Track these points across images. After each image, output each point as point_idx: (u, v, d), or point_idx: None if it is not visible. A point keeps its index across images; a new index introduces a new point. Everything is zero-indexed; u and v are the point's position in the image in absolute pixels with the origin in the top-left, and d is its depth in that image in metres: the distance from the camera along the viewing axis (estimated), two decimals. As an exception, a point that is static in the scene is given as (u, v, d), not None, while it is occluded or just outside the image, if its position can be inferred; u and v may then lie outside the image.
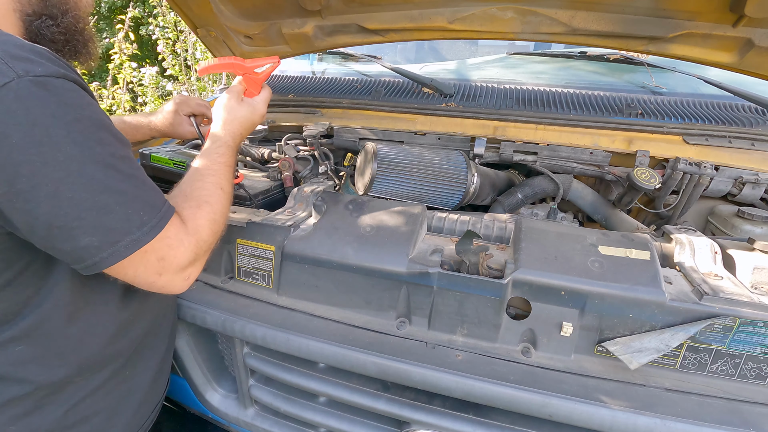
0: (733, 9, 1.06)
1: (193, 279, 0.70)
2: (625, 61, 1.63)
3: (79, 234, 0.55)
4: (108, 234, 0.57)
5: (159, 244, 0.62)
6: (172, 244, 0.64)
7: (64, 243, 0.56)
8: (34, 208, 0.53)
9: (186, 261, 0.66)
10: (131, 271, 0.62)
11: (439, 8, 1.30)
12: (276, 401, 1.01)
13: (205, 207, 0.72)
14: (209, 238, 0.71)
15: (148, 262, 0.62)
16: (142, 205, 0.60)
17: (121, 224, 0.58)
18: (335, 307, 0.95)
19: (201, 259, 0.70)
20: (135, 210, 0.59)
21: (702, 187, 1.17)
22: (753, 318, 0.74)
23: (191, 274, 0.69)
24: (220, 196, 0.76)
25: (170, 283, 0.66)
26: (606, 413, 0.73)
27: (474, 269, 0.86)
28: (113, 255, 0.58)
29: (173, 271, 0.65)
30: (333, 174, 1.34)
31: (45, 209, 0.53)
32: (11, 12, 0.65)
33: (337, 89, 1.63)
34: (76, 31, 0.73)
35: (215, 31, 1.51)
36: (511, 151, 1.29)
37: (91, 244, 0.56)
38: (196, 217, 0.70)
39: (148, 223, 0.60)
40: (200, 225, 0.70)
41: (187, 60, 5.56)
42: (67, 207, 0.54)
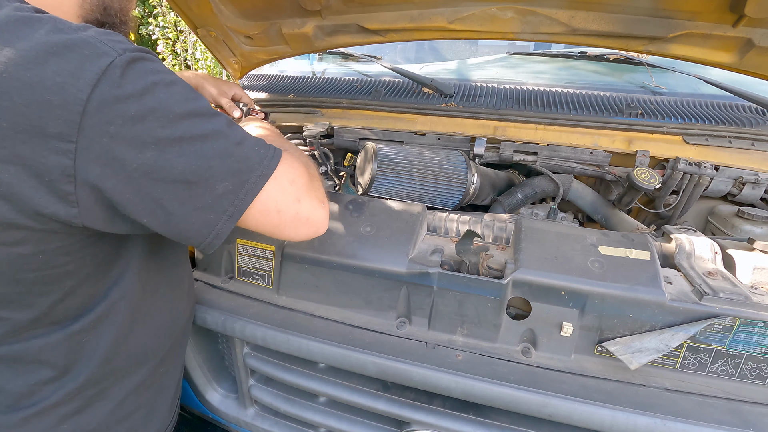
0: (733, 9, 1.06)
1: (327, 205, 0.71)
2: (625, 61, 1.63)
3: (214, 182, 0.57)
4: (238, 174, 0.59)
5: (283, 167, 0.64)
6: (293, 164, 0.66)
7: (203, 197, 0.57)
8: (170, 172, 0.55)
9: (309, 181, 0.68)
10: (273, 205, 0.63)
11: (439, 8, 1.30)
12: (276, 401, 1.01)
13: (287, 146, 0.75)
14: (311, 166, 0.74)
15: (284, 189, 0.64)
16: (254, 143, 0.62)
17: (244, 163, 0.60)
18: (335, 307, 0.95)
19: (316, 186, 0.71)
20: (251, 146, 0.61)
21: (702, 187, 1.17)
22: (753, 318, 0.74)
23: (324, 200, 0.70)
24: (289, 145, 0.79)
25: (313, 210, 0.67)
26: (606, 413, 0.73)
27: (474, 269, 0.86)
28: (248, 194, 0.60)
29: (307, 193, 0.67)
30: (333, 174, 1.34)
31: (178, 168, 0.55)
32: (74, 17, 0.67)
33: (337, 89, 1.62)
34: None
35: (215, 31, 1.51)
36: (511, 151, 1.29)
37: (227, 189, 0.58)
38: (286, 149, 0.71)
39: (266, 155, 0.62)
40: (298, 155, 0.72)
41: (187, 60, 5.56)
42: (195, 160, 0.56)
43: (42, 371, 0.65)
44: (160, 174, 0.55)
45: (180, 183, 0.56)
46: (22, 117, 0.49)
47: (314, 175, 0.73)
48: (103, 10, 0.70)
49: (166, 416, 0.85)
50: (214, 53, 1.65)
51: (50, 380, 0.66)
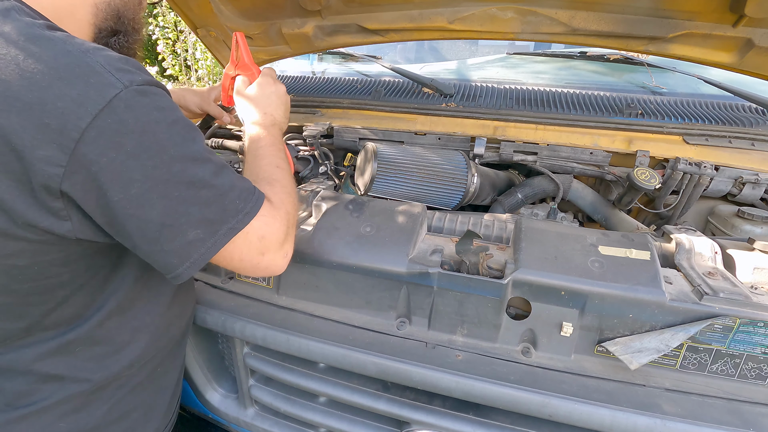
0: (733, 9, 1.06)
1: (290, 256, 0.73)
2: (625, 61, 1.63)
3: (187, 229, 0.59)
4: (210, 225, 0.60)
5: (257, 223, 0.65)
6: (268, 221, 0.67)
7: (173, 241, 0.58)
8: (148, 211, 0.56)
9: (282, 235, 0.70)
10: (237, 255, 0.65)
11: (439, 8, 1.30)
12: (276, 401, 1.01)
13: (276, 183, 0.76)
14: (291, 209, 0.75)
15: (251, 244, 0.65)
16: (239, 193, 0.64)
17: (220, 214, 0.61)
18: (335, 307, 0.95)
19: (291, 233, 0.74)
20: (231, 199, 0.63)
21: (702, 187, 1.17)
22: (753, 318, 0.74)
23: (288, 250, 0.72)
24: (282, 173, 0.80)
25: (273, 262, 0.69)
26: (606, 413, 0.73)
27: (474, 269, 0.86)
28: (215, 244, 0.61)
29: (274, 248, 0.68)
30: (333, 174, 1.34)
31: (158, 210, 0.56)
32: (88, 25, 0.67)
33: (337, 89, 1.62)
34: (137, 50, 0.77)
35: (215, 31, 1.52)
36: (511, 151, 1.29)
37: (197, 237, 0.60)
38: (275, 193, 0.73)
39: (243, 209, 0.63)
40: (282, 199, 0.73)
41: (187, 60, 5.56)
42: (176, 205, 0.57)
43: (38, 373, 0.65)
44: (137, 212, 0.56)
45: (154, 223, 0.57)
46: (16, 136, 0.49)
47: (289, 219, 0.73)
48: (117, 18, 0.70)
49: (165, 416, 0.85)
50: (214, 53, 1.65)
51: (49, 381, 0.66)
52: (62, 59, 0.51)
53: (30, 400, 0.66)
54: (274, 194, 0.73)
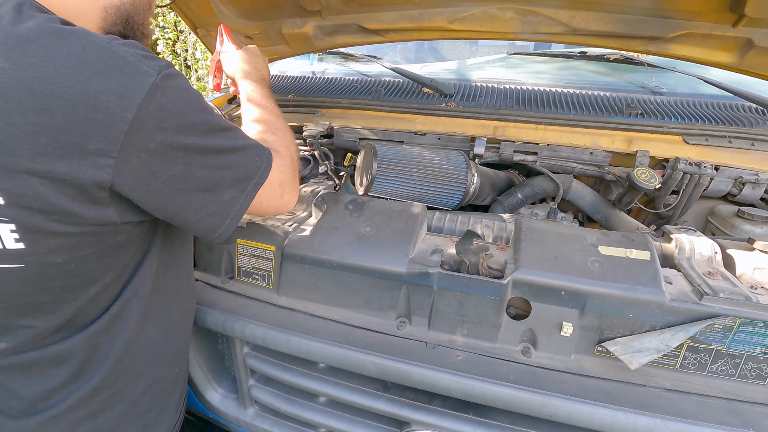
0: (733, 9, 1.06)
1: (298, 190, 0.84)
2: (625, 61, 1.63)
3: (223, 191, 0.65)
4: (240, 183, 0.67)
5: (275, 173, 0.73)
6: (283, 169, 0.76)
7: (213, 204, 0.65)
8: (192, 183, 0.61)
9: (292, 176, 0.80)
10: (264, 203, 0.74)
11: (439, 8, 1.30)
12: (276, 401, 1.01)
13: (278, 133, 0.86)
14: (294, 155, 0.84)
15: (274, 191, 0.75)
16: (255, 152, 0.70)
17: (245, 173, 0.68)
18: (335, 307, 0.95)
19: (297, 171, 0.83)
20: (251, 157, 0.69)
21: (702, 187, 1.17)
22: (753, 318, 0.74)
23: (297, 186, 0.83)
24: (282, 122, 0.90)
25: (290, 200, 0.80)
26: (606, 413, 0.73)
27: (474, 269, 0.86)
28: (247, 198, 0.68)
29: (290, 189, 0.79)
30: (333, 174, 1.34)
31: (200, 180, 0.62)
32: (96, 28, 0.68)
33: (337, 89, 1.62)
34: None
35: (215, 31, 1.51)
36: (511, 151, 1.29)
37: (231, 197, 0.67)
38: (278, 142, 0.82)
39: (261, 165, 0.70)
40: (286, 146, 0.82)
41: (187, 60, 5.56)
42: (212, 171, 0.63)
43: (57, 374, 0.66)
44: (184, 185, 0.61)
45: (198, 192, 0.63)
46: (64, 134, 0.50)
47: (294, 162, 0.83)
48: (126, 23, 0.71)
49: (174, 414, 0.86)
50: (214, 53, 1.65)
51: (65, 383, 0.66)
52: (92, 51, 0.52)
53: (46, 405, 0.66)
54: (279, 143, 0.81)
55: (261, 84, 0.98)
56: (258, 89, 0.96)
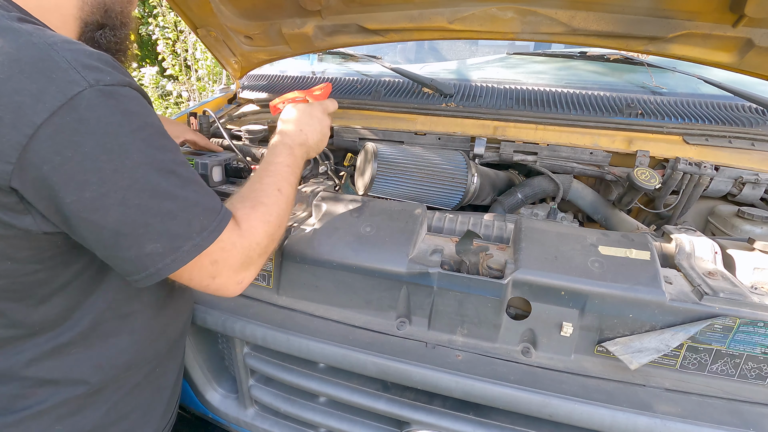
0: (733, 9, 1.06)
1: (246, 283, 0.69)
2: (625, 61, 1.63)
3: (145, 240, 0.55)
4: (172, 240, 0.57)
5: (213, 247, 0.61)
6: (225, 247, 0.63)
7: (128, 250, 0.55)
8: (103, 217, 0.53)
9: (238, 264, 0.66)
10: (186, 275, 0.62)
11: (439, 8, 1.30)
12: (276, 401, 1.01)
13: (260, 208, 0.71)
14: (263, 240, 0.69)
15: (202, 267, 0.62)
16: (203, 210, 0.60)
17: (183, 229, 0.57)
18: (335, 307, 0.95)
19: (255, 262, 0.69)
20: (196, 215, 0.59)
21: (702, 187, 1.17)
22: (753, 318, 0.74)
23: (244, 278, 0.68)
24: (277, 197, 0.74)
25: (223, 286, 0.66)
26: (606, 413, 0.73)
27: (474, 269, 0.86)
28: (176, 261, 0.58)
29: (226, 274, 0.65)
30: (333, 174, 1.34)
31: (114, 217, 0.53)
32: (73, 19, 0.66)
33: (337, 89, 1.62)
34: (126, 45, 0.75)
35: (215, 31, 1.51)
36: (511, 151, 1.29)
37: (156, 251, 0.56)
38: (249, 218, 0.69)
39: (208, 227, 0.60)
40: (253, 226, 0.68)
41: (187, 60, 5.56)
42: (134, 214, 0.54)
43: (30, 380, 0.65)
44: (92, 216, 0.53)
45: (108, 230, 0.54)
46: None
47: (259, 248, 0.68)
48: (104, 12, 0.69)
49: (164, 416, 0.85)
50: (214, 53, 1.65)
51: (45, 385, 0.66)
52: (26, 51, 0.49)
53: (26, 403, 0.65)
54: (247, 219, 0.68)
55: (295, 150, 0.84)
56: (285, 153, 0.82)
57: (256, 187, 0.75)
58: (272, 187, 0.76)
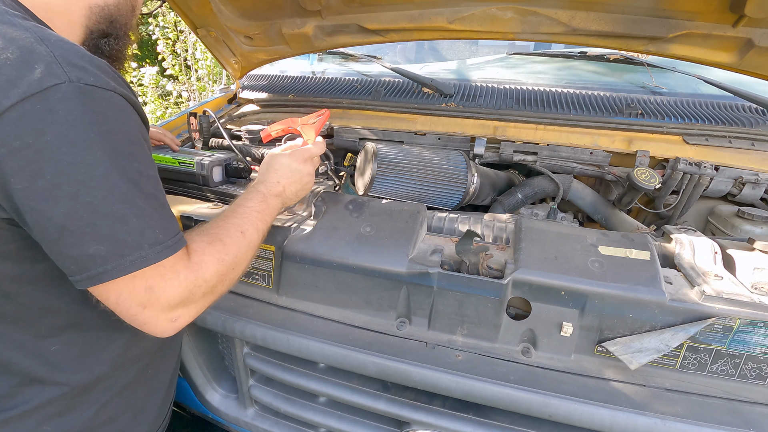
0: (733, 9, 1.06)
1: (181, 324, 0.63)
2: (625, 61, 1.63)
3: (88, 240, 0.53)
4: (118, 245, 0.54)
5: (152, 272, 0.57)
6: (166, 275, 0.58)
7: (71, 248, 0.53)
8: (51, 208, 0.52)
9: (176, 298, 0.60)
10: (114, 296, 0.57)
11: (439, 8, 1.30)
12: (276, 401, 1.01)
13: (217, 244, 0.66)
14: (212, 278, 0.64)
15: (133, 290, 0.57)
16: (158, 225, 0.57)
17: (133, 238, 0.55)
18: (335, 307, 0.95)
19: (196, 301, 0.63)
20: (150, 227, 0.56)
21: (702, 187, 1.17)
22: (753, 318, 0.74)
23: (180, 316, 0.62)
24: (238, 239, 0.70)
25: (153, 319, 0.59)
26: (606, 413, 0.73)
27: (474, 269, 0.86)
28: (117, 269, 0.54)
29: (159, 306, 0.58)
30: (333, 174, 1.34)
31: (61, 210, 0.52)
32: (79, 26, 0.68)
33: (337, 89, 1.63)
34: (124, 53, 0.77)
35: (215, 31, 1.51)
36: (511, 151, 1.29)
37: (98, 253, 0.54)
38: (203, 252, 0.64)
39: (162, 242, 0.57)
40: (204, 261, 0.63)
41: (187, 60, 5.56)
42: (83, 211, 0.52)
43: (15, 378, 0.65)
44: (40, 206, 0.51)
45: (54, 223, 0.52)
46: None
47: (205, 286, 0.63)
48: (110, 23, 0.71)
49: (156, 419, 0.84)
50: (214, 53, 1.65)
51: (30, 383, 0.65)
52: (19, 41, 0.51)
53: (11, 403, 0.65)
54: (200, 252, 0.63)
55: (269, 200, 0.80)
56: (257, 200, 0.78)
57: (219, 224, 0.71)
58: (236, 228, 0.71)
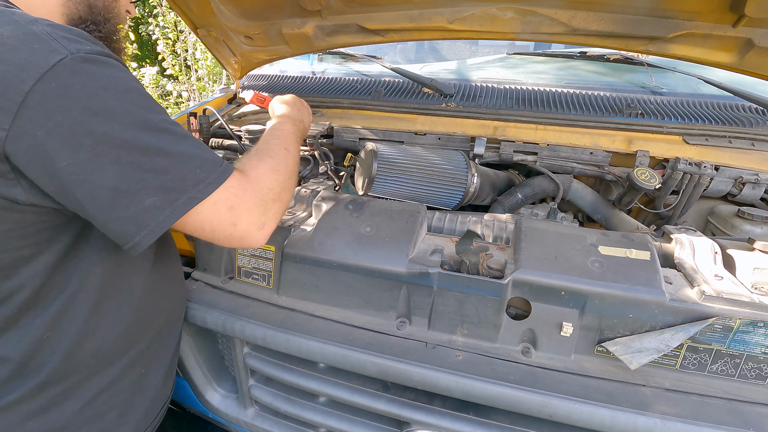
0: (733, 9, 1.06)
1: (268, 230, 0.71)
2: (625, 61, 1.63)
3: (143, 195, 0.58)
4: (168, 193, 0.59)
5: (224, 194, 0.64)
6: (237, 193, 0.66)
7: (128, 208, 0.57)
8: (99, 176, 0.55)
9: (254, 208, 0.68)
10: (207, 225, 0.64)
11: (439, 8, 1.30)
12: (276, 401, 1.01)
13: (267, 159, 0.75)
14: (274, 185, 0.72)
15: (220, 214, 0.64)
16: (200, 162, 0.62)
17: (179, 183, 0.60)
18: (335, 307, 0.95)
19: (270, 208, 0.71)
20: (191, 168, 0.61)
21: (702, 187, 1.17)
22: (753, 318, 0.74)
23: (264, 223, 0.69)
24: (284, 154, 0.79)
25: (246, 232, 0.67)
26: (606, 413, 0.73)
27: (474, 269, 0.86)
28: (173, 214, 0.60)
29: (246, 219, 0.67)
30: (333, 174, 1.34)
31: (110, 175, 0.56)
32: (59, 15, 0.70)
33: (337, 89, 1.62)
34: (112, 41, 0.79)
35: (215, 31, 1.51)
36: (511, 151, 1.29)
37: (154, 205, 0.58)
38: (257, 167, 0.72)
39: (205, 179, 0.62)
40: (261, 173, 0.71)
41: (187, 60, 5.56)
42: (129, 171, 0.56)
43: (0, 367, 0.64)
44: (89, 177, 0.55)
45: (106, 189, 0.56)
46: None
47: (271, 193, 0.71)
48: (87, 8, 0.73)
49: (144, 419, 0.83)
50: (214, 53, 1.65)
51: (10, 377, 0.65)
52: (8, 27, 0.53)
53: None
54: (255, 168, 0.72)
55: (295, 123, 0.93)
56: (288, 124, 0.90)
57: (263, 146, 0.80)
58: (279, 146, 0.80)
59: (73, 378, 0.70)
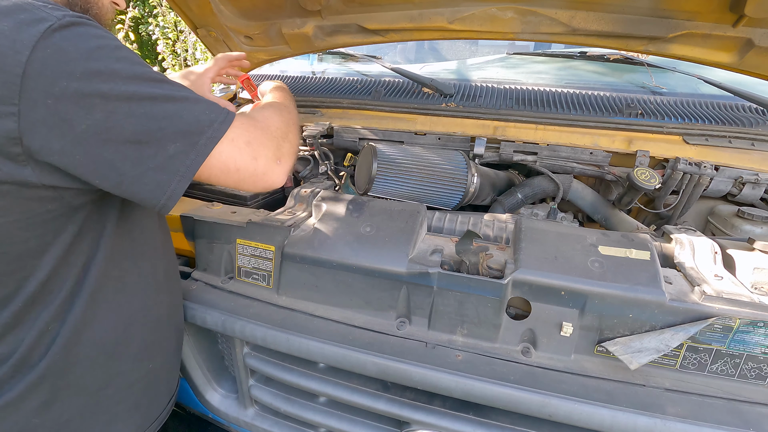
0: (733, 9, 1.06)
1: (286, 167, 0.73)
2: (625, 61, 1.63)
3: (165, 143, 0.59)
4: (187, 136, 0.60)
5: (238, 130, 0.66)
6: (249, 128, 0.68)
7: (155, 158, 0.58)
8: (119, 133, 0.56)
9: (268, 142, 0.70)
10: (232, 164, 0.65)
11: (439, 8, 1.30)
12: (276, 401, 1.01)
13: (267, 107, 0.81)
14: (280, 125, 0.76)
15: (240, 149, 0.66)
16: (206, 104, 0.64)
17: (195, 125, 0.61)
18: (335, 307, 0.95)
19: (283, 146, 0.73)
20: (201, 110, 0.63)
21: (702, 187, 1.17)
22: (753, 318, 0.74)
23: (281, 157, 0.72)
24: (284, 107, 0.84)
25: (266, 167, 0.69)
26: (606, 413, 0.73)
27: (474, 269, 0.86)
28: (199, 155, 0.61)
29: (264, 152, 0.69)
30: (333, 174, 1.34)
31: (129, 129, 0.56)
32: None
33: (337, 89, 1.63)
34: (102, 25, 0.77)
35: (215, 31, 1.51)
36: (511, 151, 1.29)
37: (178, 150, 0.59)
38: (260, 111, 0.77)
39: (216, 119, 0.64)
40: (266, 115, 0.76)
41: (187, 60, 5.56)
42: (145, 121, 0.57)
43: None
44: (110, 134, 0.55)
45: (131, 143, 0.57)
46: None
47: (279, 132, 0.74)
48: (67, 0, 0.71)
49: (151, 412, 0.83)
50: (214, 53, 1.65)
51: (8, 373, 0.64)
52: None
53: None
54: (258, 112, 0.76)
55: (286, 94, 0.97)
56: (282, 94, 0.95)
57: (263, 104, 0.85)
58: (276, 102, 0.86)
59: (74, 371, 0.69)
